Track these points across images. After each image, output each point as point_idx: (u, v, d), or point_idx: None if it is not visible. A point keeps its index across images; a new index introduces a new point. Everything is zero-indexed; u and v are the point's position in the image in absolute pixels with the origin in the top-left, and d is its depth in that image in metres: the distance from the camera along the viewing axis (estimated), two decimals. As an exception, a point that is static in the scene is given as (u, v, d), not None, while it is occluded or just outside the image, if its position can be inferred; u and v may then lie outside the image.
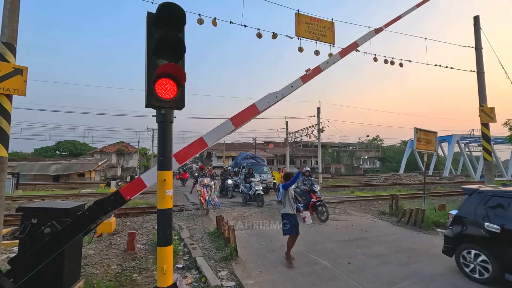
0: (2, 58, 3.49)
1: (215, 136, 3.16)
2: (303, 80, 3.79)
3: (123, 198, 2.73)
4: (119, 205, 2.82)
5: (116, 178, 27.63)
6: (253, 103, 3.40)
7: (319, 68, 4.02)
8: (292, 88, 3.69)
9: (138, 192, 2.88)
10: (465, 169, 41.51)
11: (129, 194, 2.75)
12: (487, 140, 8.16)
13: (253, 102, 3.42)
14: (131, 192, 2.77)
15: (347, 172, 57.46)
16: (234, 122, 3.22)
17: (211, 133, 3.14)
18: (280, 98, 3.59)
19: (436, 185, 23.91)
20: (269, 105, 3.49)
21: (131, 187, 2.80)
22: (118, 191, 2.74)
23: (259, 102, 3.40)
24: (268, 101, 3.45)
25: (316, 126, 28.90)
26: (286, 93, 3.63)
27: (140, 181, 2.81)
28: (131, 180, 28.25)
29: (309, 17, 6.92)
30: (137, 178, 2.86)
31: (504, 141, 28.80)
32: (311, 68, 3.95)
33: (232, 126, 3.21)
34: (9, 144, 3.56)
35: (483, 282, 4.07)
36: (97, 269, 4.72)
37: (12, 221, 7.94)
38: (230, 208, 11.15)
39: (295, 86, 3.73)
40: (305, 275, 4.43)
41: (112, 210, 2.79)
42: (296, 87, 3.73)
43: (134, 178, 14.73)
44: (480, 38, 8.56)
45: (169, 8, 2.46)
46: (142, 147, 47.62)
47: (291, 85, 3.69)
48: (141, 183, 2.82)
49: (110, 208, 2.73)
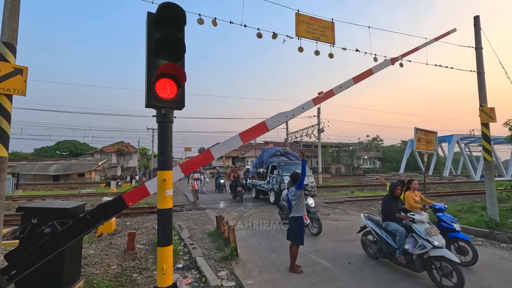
0: (2, 58, 3.48)
1: (223, 150, 3.27)
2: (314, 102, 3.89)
3: (125, 204, 2.73)
4: (120, 210, 2.83)
5: (116, 178, 27.65)
6: (263, 121, 3.51)
7: (332, 92, 4.12)
8: (303, 109, 3.79)
9: (141, 199, 2.93)
10: (465, 169, 41.49)
11: (132, 200, 2.76)
12: (487, 140, 8.14)
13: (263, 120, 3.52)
14: (134, 198, 2.79)
15: (347, 172, 57.43)
16: (242, 137, 3.30)
17: (219, 147, 3.23)
18: (290, 118, 3.71)
19: (436, 185, 23.90)
20: (278, 124, 3.58)
21: (135, 194, 2.81)
22: (121, 196, 2.74)
23: (269, 121, 3.49)
24: (278, 120, 3.54)
25: (316, 126, 28.92)
26: (296, 113, 3.72)
27: (144, 189, 2.82)
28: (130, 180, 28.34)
29: (309, 17, 6.91)
30: (142, 185, 2.87)
31: (504, 141, 28.76)
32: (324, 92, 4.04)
33: (241, 141, 3.30)
34: (9, 144, 3.55)
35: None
36: (97, 269, 4.72)
37: (12, 221, 7.95)
38: (230, 208, 11.15)
39: (306, 107, 3.82)
40: (305, 275, 4.43)
41: (114, 214, 2.80)
42: (307, 108, 3.82)
43: (134, 178, 14.80)
44: (480, 38, 8.55)
45: (169, 8, 2.46)
46: (142, 147, 47.63)
47: (302, 106, 3.82)
48: (145, 191, 2.83)
49: (111, 213, 2.74)
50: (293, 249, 4.66)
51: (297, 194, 4.71)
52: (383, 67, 4.96)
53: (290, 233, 4.72)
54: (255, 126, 3.43)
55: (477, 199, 13.28)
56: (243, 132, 3.31)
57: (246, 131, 3.34)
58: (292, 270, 4.58)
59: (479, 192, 16.07)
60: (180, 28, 2.65)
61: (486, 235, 6.73)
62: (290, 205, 4.85)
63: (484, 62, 8.45)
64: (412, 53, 5.37)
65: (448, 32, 6.33)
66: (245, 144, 3.87)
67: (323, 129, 28.64)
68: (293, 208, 4.75)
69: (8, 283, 2.41)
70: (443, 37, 6.20)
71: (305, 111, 3.82)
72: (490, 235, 6.66)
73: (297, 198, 4.71)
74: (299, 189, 4.68)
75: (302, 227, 4.64)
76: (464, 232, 7.18)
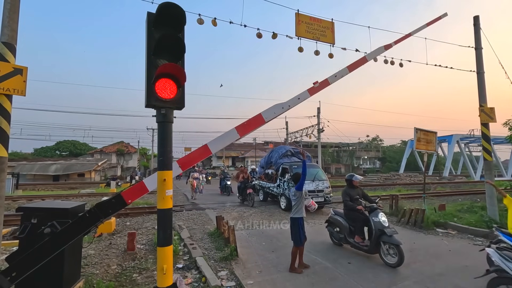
0: (2, 58, 3.48)
1: (220, 144, 3.24)
2: (310, 92, 3.87)
3: (124, 201, 2.73)
4: (120, 208, 2.83)
5: (116, 178, 27.63)
6: (259, 113, 3.46)
7: (327, 81, 4.09)
8: (299, 100, 3.77)
9: (140, 196, 2.91)
10: (465, 169, 41.49)
11: (131, 198, 2.76)
12: (487, 140, 8.15)
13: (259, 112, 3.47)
14: (132, 195, 2.78)
15: (347, 172, 57.37)
16: (239, 131, 3.28)
17: (216, 141, 3.20)
18: (287, 109, 3.66)
19: (436, 185, 23.88)
20: (275, 116, 3.55)
21: (133, 191, 2.81)
22: (120, 194, 2.74)
23: (265, 112, 3.46)
24: (275, 112, 3.52)
25: (316, 126, 28.92)
26: (292, 104, 3.70)
27: (143, 186, 2.82)
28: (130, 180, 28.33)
29: (309, 17, 6.92)
30: (140, 182, 2.87)
31: (504, 141, 28.76)
32: (319, 81, 4.01)
33: (237, 134, 3.27)
34: (9, 144, 3.55)
35: None
36: (97, 269, 4.72)
37: (12, 221, 7.95)
38: (230, 208, 11.15)
39: (302, 98, 3.81)
40: (305, 275, 4.43)
41: (113, 213, 2.80)
42: (303, 99, 3.81)
43: (134, 178, 14.80)
44: (480, 38, 8.57)
45: (169, 8, 2.46)
46: (142, 147, 47.62)
47: (298, 97, 3.79)
48: (143, 188, 2.82)
49: (111, 211, 2.74)
50: (292, 249, 4.67)
51: (297, 194, 4.70)
52: (377, 54, 5.01)
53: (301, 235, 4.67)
54: (251, 119, 3.41)
55: (477, 199, 13.29)
56: (240, 125, 3.29)
57: (242, 124, 3.33)
58: (292, 270, 4.59)
59: (479, 192, 16.07)
60: (180, 28, 2.64)
61: (486, 235, 6.74)
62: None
63: (484, 62, 8.46)
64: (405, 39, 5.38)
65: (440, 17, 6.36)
66: (245, 144, 3.87)
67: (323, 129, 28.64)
68: (292, 209, 4.76)
69: (10, 284, 2.41)
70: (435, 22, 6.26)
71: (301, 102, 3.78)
72: (490, 235, 6.66)
73: (297, 199, 4.69)
74: (299, 190, 4.66)
75: (301, 228, 4.64)
76: (464, 232, 7.23)
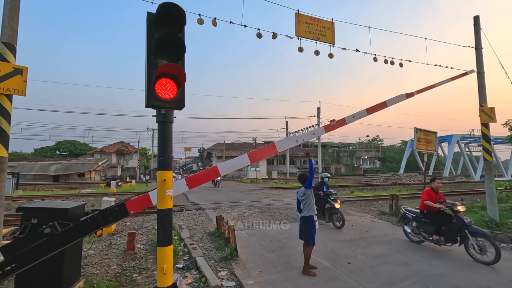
0: (2, 58, 3.48)
1: (230, 167, 3.35)
2: (326, 129, 4.01)
3: (127, 212, 2.73)
4: (121, 217, 2.83)
5: (116, 178, 27.65)
6: (273, 143, 3.60)
7: (344, 121, 4.21)
8: (314, 135, 3.91)
9: (143, 208, 2.94)
10: (465, 169, 41.51)
11: (134, 209, 2.76)
12: (487, 140, 8.15)
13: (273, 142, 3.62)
14: (136, 207, 2.79)
15: (347, 172, 57.45)
16: (250, 157, 3.37)
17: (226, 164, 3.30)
18: (300, 143, 3.77)
19: (436, 185, 23.84)
20: (288, 147, 3.64)
21: (137, 202, 2.81)
22: (124, 203, 2.73)
23: (279, 143, 3.56)
24: (288, 143, 3.62)
25: (316, 126, 28.90)
26: (306, 139, 3.82)
27: (147, 198, 2.82)
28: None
29: (309, 17, 6.92)
30: (145, 194, 2.86)
31: (504, 141, 28.78)
32: (336, 119, 4.14)
33: (249, 161, 3.39)
34: (9, 144, 3.55)
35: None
36: (97, 269, 4.72)
37: (12, 221, 7.95)
38: (230, 208, 11.15)
39: (317, 133, 3.96)
40: (305, 275, 4.43)
41: (115, 221, 2.80)
42: (318, 134, 3.93)
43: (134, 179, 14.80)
44: (480, 38, 8.56)
45: (169, 8, 2.46)
46: (142, 147, 47.65)
47: (313, 132, 4.02)
48: (148, 200, 2.83)
49: (112, 219, 2.74)
50: (306, 250, 4.58)
51: (306, 193, 4.67)
52: (398, 101, 5.03)
53: (302, 232, 4.67)
54: (264, 147, 3.57)
55: (477, 199, 13.29)
56: (252, 152, 3.42)
57: (255, 151, 3.46)
58: (305, 272, 4.47)
59: (479, 192, 16.06)
60: (180, 28, 2.64)
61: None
62: (299, 206, 4.84)
63: (484, 62, 8.45)
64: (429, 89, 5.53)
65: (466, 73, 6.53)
66: (245, 145, 3.94)
67: (323, 129, 28.63)
68: (303, 208, 4.71)
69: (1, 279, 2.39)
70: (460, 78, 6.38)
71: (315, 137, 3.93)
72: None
73: (306, 197, 4.66)
74: (308, 188, 4.66)
75: (313, 227, 4.58)
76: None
